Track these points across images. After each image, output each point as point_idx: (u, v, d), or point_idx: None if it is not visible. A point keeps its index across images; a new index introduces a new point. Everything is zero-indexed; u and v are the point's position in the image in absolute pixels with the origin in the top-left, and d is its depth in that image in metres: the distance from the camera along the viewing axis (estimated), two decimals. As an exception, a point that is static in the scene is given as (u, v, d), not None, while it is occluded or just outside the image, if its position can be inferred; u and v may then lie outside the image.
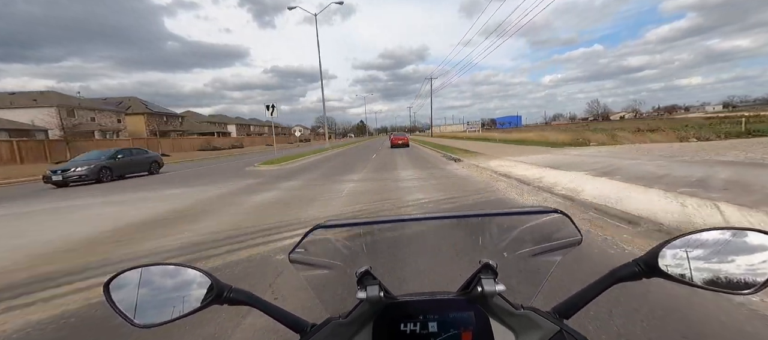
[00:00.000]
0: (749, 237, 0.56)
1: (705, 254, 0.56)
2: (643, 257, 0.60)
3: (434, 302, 0.61)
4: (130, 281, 0.59)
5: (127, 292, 0.59)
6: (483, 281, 0.57)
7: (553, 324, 0.59)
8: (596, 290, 0.61)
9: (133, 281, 0.60)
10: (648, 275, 0.59)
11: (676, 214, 4.22)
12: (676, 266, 0.57)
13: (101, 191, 10.53)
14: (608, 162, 9.57)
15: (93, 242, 4.70)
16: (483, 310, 0.59)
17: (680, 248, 0.58)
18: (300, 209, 6.21)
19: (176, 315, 0.58)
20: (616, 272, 0.61)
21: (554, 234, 0.66)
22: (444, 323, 0.58)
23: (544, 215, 0.64)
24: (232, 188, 9.53)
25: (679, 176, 6.55)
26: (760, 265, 0.54)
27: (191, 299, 0.60)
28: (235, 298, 0.62)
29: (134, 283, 0.59)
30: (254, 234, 4.60)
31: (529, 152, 15.06)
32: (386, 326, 0.59)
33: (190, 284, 0.61)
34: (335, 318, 0.62)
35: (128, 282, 0.59)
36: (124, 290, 0.59)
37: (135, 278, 0.60)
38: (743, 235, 0.56)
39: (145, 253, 4.11)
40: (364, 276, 0.60)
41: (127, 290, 0.59)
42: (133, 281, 0.60)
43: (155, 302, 0.59)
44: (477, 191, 7.14)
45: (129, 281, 0.59)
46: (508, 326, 0.59)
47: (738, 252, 0.56)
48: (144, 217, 6.19)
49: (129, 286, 0.59)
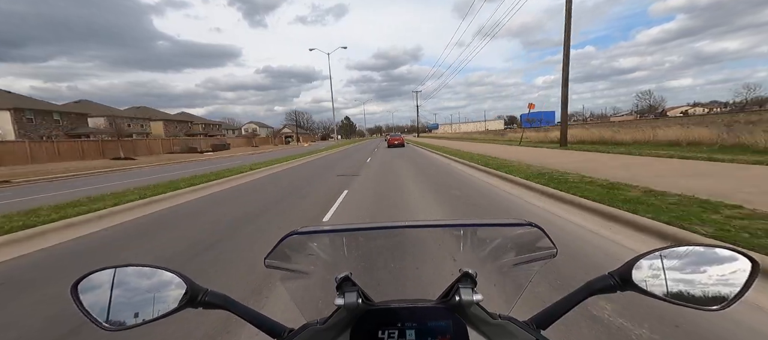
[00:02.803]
0: (719, 253, 0.58)
1: (678, 268, 0.58)
2: (618, 270, 0.61)
3: (413, 309, 0.61)
4: (102, 282, 0.58)
5: (98, 294, 0.57)
6: (461, 290, 0.58)
7: (529, 335, 0.59)
8: (572, 302, 0.62)
9: (104, 282, 0.58)
10: (622, 288, 0.60)
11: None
12: (650, 279, 0.58)
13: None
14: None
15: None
16: (461, 319, 0.59)
17: (654, 261, 0.59)
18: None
19: (148, 318, 0.57)
20: (591, 284, 0.62)
21: (530, 246, 0.66)
22: (422, 331, 0.58)
23: (520, 228, 0.65)
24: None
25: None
26: (730, 279, 0.55)
27: (165, 301, 0.58)
28: (211, 301, 0.61)
29: (106, 284, 0.58)
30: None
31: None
32: (364, 332, 0.59)
33: (165, 285, 0.60)
34: (313, 324, 0.62)
35: (99, 283, 0.58)
36: (95, 291, 0.57)
37: (105, 279, 0.58)
38: (714, 250, 0.58)
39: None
40: (344, 282, 0.60)
41: (99, 291, 0.57)
42: (105, 282, 0.58)
43: (126, 304, 0.57)
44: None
45: (100, 282, 0.58)
46: (485, 335, 0.59)
47: (708, 267, 0.57)
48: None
49: (100, 287, 0.58)
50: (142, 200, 7.09)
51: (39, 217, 5.61)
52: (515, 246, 0.69)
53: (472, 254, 0.70)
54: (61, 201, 7.37)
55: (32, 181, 15.65)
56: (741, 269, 0.56)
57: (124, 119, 47.57)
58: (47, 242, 4.78)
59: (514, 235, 0.68)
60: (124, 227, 5.69)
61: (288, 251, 0.65)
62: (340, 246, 0.71)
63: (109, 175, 17.65)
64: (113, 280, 0.59)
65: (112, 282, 0.58)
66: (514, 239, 0.69)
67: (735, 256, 0.57)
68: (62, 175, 17.77)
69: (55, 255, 4.31)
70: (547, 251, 0.64)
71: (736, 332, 2.03)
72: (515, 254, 0.69)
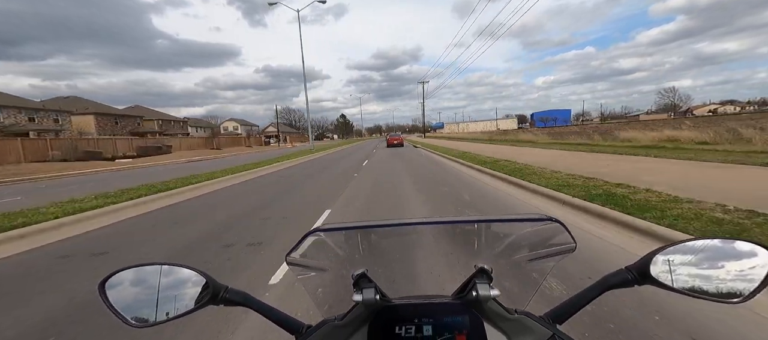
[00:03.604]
0: (738, 246, 0.57)
1: (696, 262, 0.57)
2: (635, 264, 0.60)
3: (430, 305, 0.62)
4: (125, 281, 0.59)
5: (121, 291, 0.58)
6: (478, 286, 0.58)
7: (545, 329, 0.59)
8: (588, 297, 0.62)
9: (127, 280, 0.60)
10: (640, 282, 0.59)
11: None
12: (668, 273, 0.58)
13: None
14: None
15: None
16: (477, 314, 0.59)
17: (672, 255, 0.58)
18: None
19: (171, 315, 0.58)
20: (608, 279, 0.61)
21: (549, 241, 0.65)
22: (439, 327, 0.59)
23: (539, 223, 0.64)
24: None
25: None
26: (749, 274, 0.55)
27: (186, 298, 0.60)
28: (231, 299, 0.62)
29: (129, 282, 0.59)
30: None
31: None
32: (381, 328, 0.59)
33: (185, 283, 0.61)
34: (330, 320, 0.62)
35: (122, 281, 0.59)
36: (119, 289, 0.59)
37: (129, 278, 0.60)
38: (732, 243, 0.57)
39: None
40: (361, 279, 0.60)
41: (122, 289, 0.59)
42: (128, 280, 0.60)
43: (150, 301, 0.59)
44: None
45: (123, 281, 0.59)
46: (501, 330, 0.60)
47: (727, 261, 0.56)
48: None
49: (123, 285, 0.59)
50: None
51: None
52: (532, 241, 0.69)
53: (487, 250, 0.70)
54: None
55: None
56: (761, 264, 0.55)
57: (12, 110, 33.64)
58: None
59: (532, 230, 0.68)
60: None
61: (307, 249, 0.66)
62: (356, 243, 0.72)
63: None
64: (134, 278, 0.60)
65: (134, 280, 0.60)
66: (531, 234, 0.69)
67: (756, 250, 0.56)
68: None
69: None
70: (565, 246, 0.63)
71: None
72: (532, 249, 0.68)
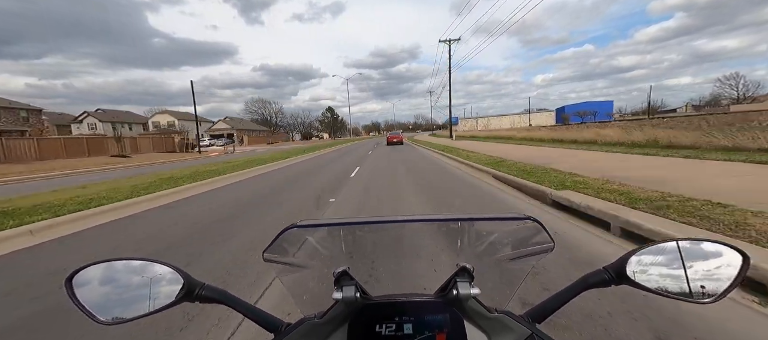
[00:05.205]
0: (705, 247, 0.59)
1: (666, 263, 0.59)
2: (612, 264, 0.62)
3: (410, 303, 0.62)
4: (95, 277, 0.57)
5: (91, 288, 0.56)
6: (459, 284, 0.58)
7: (525, 328, 0.60)
8: (567, 296, 0.63)
9: (97, 276, 0.57)
10: (617, 282, 0.61)
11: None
12: (643, 273, 0.59)
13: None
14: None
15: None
16: (458, 313, 0.60)
17: (645, 256, 0.60)
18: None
19: (144, 312, 0.56)
20: (587, 278, 0.63)
21: (528, 240, 0.67)
22: (419, 325, 0.59)
23: (518, 222, 0.65)
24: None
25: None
26: (716, 274, 0.57)
27: (161, 295, 0.58)
28: (207, 296, 0.61)
29: (99, 278, 0.57)
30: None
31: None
32: (362, 326, 0.59)
33: (160, 280, 0.59)
34: (310, 318, 0.62)
35: (93, 277, 0.57)
36: (89, 285, 0.56)
37: (99, 273, 0.58)
38: (700, 244, 0.60)
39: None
40: (342, 276, 0.60)
41: (92, 285, 0.56)
42: (98, 276, 0.57)
43: (122, 298, 0.57)
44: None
45: (93, 277, 0.57)
46: (481, 329, 0.60)
47: (695, 261, 0.59)
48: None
49: (93, 281, 0.57)
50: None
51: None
52: (513, 241, 0.70)
53: (469, 249, 0.71)
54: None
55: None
56: (731, 263, 0.57)
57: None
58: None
59: (512, 229, 0.69)
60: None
61: (286, 245, 0.65)
62: (338, 240, 0.71)
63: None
64: (105, 274, 0.58)
65: (105, 276, 0.58)
66: (511, 233, 0.69)
67: (725, 250, 0.58)
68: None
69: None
70: (544, 246, 0.64)
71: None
72: (512, 249, 0.69)
